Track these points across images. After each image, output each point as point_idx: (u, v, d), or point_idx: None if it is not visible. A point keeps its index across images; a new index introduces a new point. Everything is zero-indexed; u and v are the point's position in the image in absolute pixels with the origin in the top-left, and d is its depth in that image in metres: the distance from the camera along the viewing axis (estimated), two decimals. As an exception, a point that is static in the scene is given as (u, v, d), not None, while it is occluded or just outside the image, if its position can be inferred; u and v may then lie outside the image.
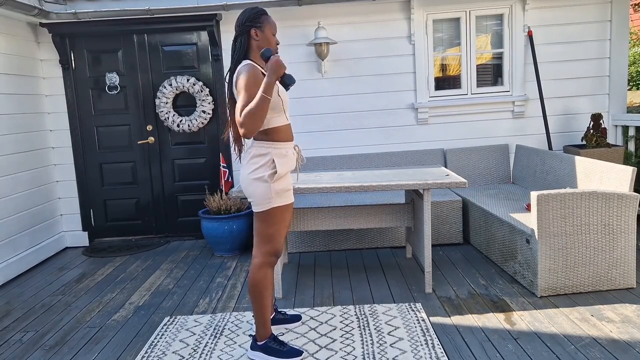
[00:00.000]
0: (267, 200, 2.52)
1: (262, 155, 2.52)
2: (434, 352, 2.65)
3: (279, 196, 2.54)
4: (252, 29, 2.52)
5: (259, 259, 2.62)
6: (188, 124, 4.98)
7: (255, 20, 2.52)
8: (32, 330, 3.27)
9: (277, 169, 2.49)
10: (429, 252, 3.42)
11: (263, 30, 2.53)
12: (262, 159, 2.52)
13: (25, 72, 4.74)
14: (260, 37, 2.53)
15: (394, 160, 4.97)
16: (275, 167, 2.50)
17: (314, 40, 4.75)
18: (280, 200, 2.55)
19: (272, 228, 2.58)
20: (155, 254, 4.79)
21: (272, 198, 2.52)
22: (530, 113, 5.04)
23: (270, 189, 2.51)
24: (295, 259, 4.35)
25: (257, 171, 2.52)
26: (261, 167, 2.51)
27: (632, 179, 3.23)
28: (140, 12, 4.65)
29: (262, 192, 2.51)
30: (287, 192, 2.58)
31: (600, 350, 2.59)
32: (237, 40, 2.55)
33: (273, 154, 2.52)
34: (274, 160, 2.50)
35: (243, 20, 2.53)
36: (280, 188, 2.54)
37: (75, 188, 5.18)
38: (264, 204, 2.53)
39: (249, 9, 2.57)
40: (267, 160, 2.51)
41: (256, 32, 2.52)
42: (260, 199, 2.53)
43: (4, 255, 4.27)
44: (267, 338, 2.68)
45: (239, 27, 2.54)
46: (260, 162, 2.52)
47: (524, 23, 4.90)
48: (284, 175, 2.54)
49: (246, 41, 2.54)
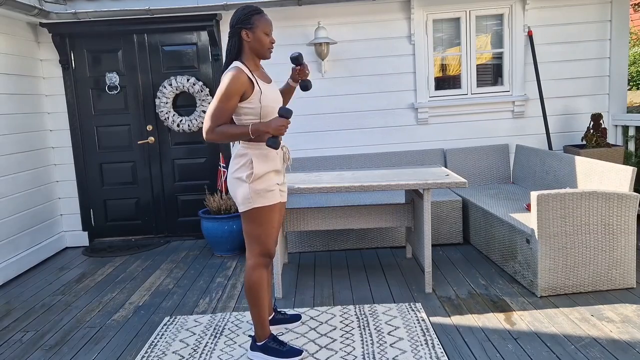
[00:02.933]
0: (248, 200, 2.51)
1: (242, 156, 2.52)
2: (434, 352, 2.65)
3: (259, 196, 2.51)
4: (242, 30, 2.48)
5: (252, 261, 2.62)
6: (188, 124, 4.98)
7: (245, 21, 2.47)
8: (32, 330, 3.27)
9: (253, 170, 2.48)
10: (429, 252, 3.42)
11: (254, 31, 2.48)
12: (242, 159, 2.52)
13: (25, 72, 4.74)
14: (252, 38, 2.49)
15: (394, 160, 4.97)
16: (253, 167, 2.49)
17: (314, 40, 4.75)
18: (262, 201, 2.52)
19: (259, 229, 2.57)
20: (155, 254, 4.79)
21: (251, 198, 2.50)
22: (530, 113, 5.04)
23: (249, 189, 2.50)
24: (295, 259, 4.35)
25: (237, 171, 2.52)
26: (241, 168, 2.51)
27: (632, 179, 3.23)
28: (140, 12, 4.65)
29: (242, 192, 2.51)
30: (269, 193, 2.54)
31: (600, 350, 2.59)
32: (229, 42, 2.53)
33: (252, 154, 2.51)
34: (252, 161, 2.49)
35: (234, 22, 2.50)
36: (261, 188, 2.51)
37: (75, 188, 5.18)
38: (245, 204, 2.53)
39: (241, 8, 2.51)
40: (246, 161, 2.50)
41: (247, 33, 2.48)
42: (241, 199, 2.53)
43: (4, 255, 4.27)
44: (267, 338, 2.68)
45: (230, 28, 2.52)
46: (241, 162, 2.52)
47: (524, 23, 4.90)
48: (262, 175, 2.51)
49: (237, 43, 2.51)
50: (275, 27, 4.87)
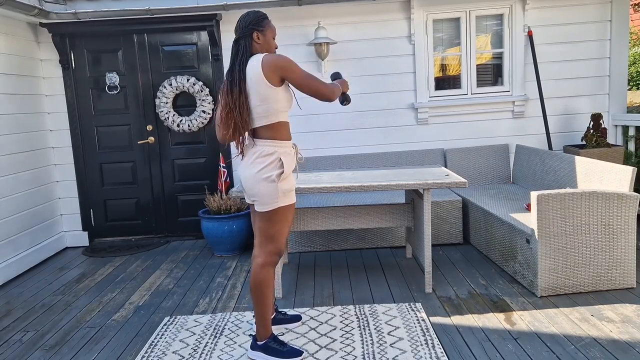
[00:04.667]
0: (274, 199, 2.52)
1: (269, 155, 2.52)
2: (434, 352, 2.65)
3: (285, 195, 2.54)
4: (254, 32, 2.55)
5: (262, 258, 2.62)
6: (188, 124, 4.98)
7: (258, 23, 2.56)
8: (32, 330, 3.27)
9: (284, 168, 2.51)
10: (429, 252, 3.42)
11: (265, 34, 2.57)
12: (268, 158, 2.51)
13: (25, 72, 4.74)
14: (262, 40, 2.57)
15: (394, 160, 4.97)
16: (283, 166, 2.51)
17: (314, 40, 4.75)
18: (285, 200, 2.56)
19: (276, 227, 2.59)
20: (155, 254, 4.79)
21: (279, 198, 2.52)
22: (530, 113, 5.04)
23: (277, 189, 2.51)
24: (295, 259, 4.35)
25: (264, 170, 2.51)
26: (268, 166, 2.51)
27: (632, 179, 3.23)
28: (140, 12, 4.65)
29: (270, 192, 2.51)
30: (291, 192, 2.59)
31: (601, 350, 2.59)
32: (240, 42, 2.56)
33: (280, 153, 2.52)
34: (281, 159, 2.51)
35: (246, 23, 2.55)
36: (286, 188, 2.54)
37: (75, 188, 5.18)
38: (271, 204, 2.53)
39: (252, 11, 2.59)
40: (274, 159, 2.51)
41: (258, 35, 2.55)
42: (267, 199, 2.53)
43: (4, 255, 4.27)
44: (268, 338, 2.68)
45: (242, 29, 2.56)
46: (267, 161, 2.51)
47: (524, 23, 4.90)
48: (288, 174, 2.56)
49: (249, 43, 2.55)
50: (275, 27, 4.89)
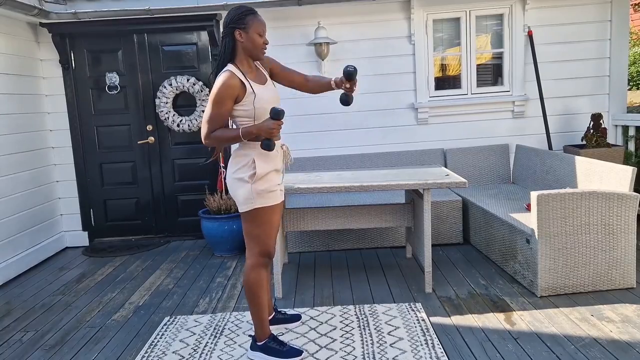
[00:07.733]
0: (249, 200, 2.50)
1: (244, 156, 2.50)
2: (434, 352, 2.65)
3: (261, 197, 2.50)
4: (235, 30, 2.46)
5: (251, 260, 2.61)
6: (188, 124, 4.98)
7: (239, 21, 2.45)
8: (32, 330, 3.27)
9: (256, 170, 2.47)
10: (429, 252, 3.42)
11: (247, 31, 2.45)
12: (243, 159, 2.50)
13: (25, 72, 4.73)
14: (245, 38, 2.46)
15: (394, 160, 4.97)
16: (255, 167, 2.47)
17: (314, 40, 4.75)
18: (263, 201, 2.51)
19: (259, 229, 2.56)
20: (155, 254, 4.79)
21: (253, 199, 2.49)
22: (530, 113, 5.04)
23: (251, 190, 2.48)
24: (295, 259, 4.35)
25: (239, 171, 2.51)
26: (242, 167, 2.50)
27: (632, 179, 3.22)
28: (140, 12, 4.64)
29: (244, 192, 2.50)
30: (270, 193, 2.53)
31: (601, 350, 2.59)
32: (222, 42, 2.50)
33: (253, 154, 2.49)
34: (254, 161, 2.48)
35: (227, 22, 2.48)
36: (262, 189, 2.50)
37: (75, 188, 5.18)
38: (247, 204, 2.51)
39: (234, 8, 2.50)
40: (248, 161, 2.49)
41: (240, 33, 2.46)
42: (243, 200, 2.52)
43: (4, 255, 4.27)
44: (267, 338, 2.68)
45: (224, 28, 2.50)
46: (242, 162, 2.50)
47: (524, 23, 4.90)
48: (264, 175, 2.50)
49: (230, 43, 2.48)
50: (275, 27, 4.89)
